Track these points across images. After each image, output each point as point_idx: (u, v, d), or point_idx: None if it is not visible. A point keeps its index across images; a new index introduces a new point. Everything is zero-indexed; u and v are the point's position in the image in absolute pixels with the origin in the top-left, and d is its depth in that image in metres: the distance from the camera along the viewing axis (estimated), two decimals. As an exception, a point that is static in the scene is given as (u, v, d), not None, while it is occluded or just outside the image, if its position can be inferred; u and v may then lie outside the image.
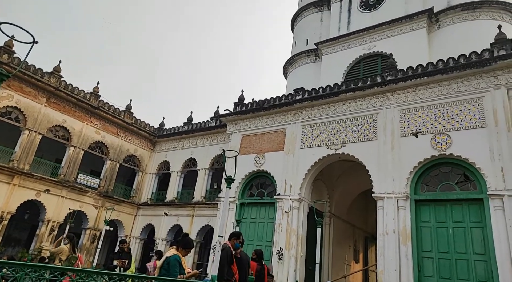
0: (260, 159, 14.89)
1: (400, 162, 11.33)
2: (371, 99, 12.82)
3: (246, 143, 15.75)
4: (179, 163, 19.66)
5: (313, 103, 14.10)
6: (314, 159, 13.33)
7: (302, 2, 23.81)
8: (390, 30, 17.51)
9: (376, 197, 11.44)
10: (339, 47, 19.04)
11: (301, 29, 22.94)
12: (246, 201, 14.81)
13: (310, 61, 21.16)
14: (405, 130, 11.68)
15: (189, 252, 5.07)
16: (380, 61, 17.23)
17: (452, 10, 16.42)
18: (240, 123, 16.29)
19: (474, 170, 10.16)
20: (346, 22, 19.75)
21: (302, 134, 14.12)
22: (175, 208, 18.46)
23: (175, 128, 20.67)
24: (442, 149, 10.72)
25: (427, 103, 11.59)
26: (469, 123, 10.60)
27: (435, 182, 10.90)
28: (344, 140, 12.90)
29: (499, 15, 15.92)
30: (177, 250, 4.81)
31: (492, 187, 9.57)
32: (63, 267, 5.99)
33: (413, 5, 17.51)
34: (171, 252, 4.76)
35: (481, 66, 10.72)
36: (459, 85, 11.15)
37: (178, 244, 4.91)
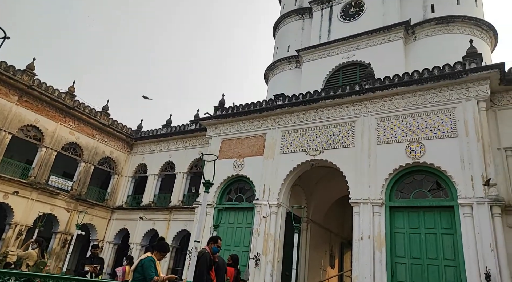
0: (240, 164, 14.85)
1: (376, 169, 11.58)
2: (350, 107, 13.07)
3: (226, 147, 15.68)
4: (156, 166, 19.32)
5: (293, 109, 14.23)
6: (293, 164, 13.42)
7: (284, 9, 24.10)
8: (369, 40, 17.98)
9: (353, 203, 11.63)
10: (320, 54, 19.36)
11: (283, 35, 23.20)
12: (224, 205, 14.70)
13: (291, 68, 21.40)
14: (382, 138, 11.97)
15: (165, 256, 4.98)
16: (359, 70, 17.64)
17: (428, 23, 17.06)
18: (220, 127, 16.21)
19: (446, 178, 10.52)
20: (326, 30, 20.13)
21: (282, 140, 14.21)
22: (151, 212, 18.09)
23: (154, 131, 20.33)
24: (416, 157, 11.05)
25: (403, 112, 11.93)
26: (441, 132, 10.99)
27: (409, 189, 11.21)
28: (323, 146, 13.07)
29: (470, 30, 16.68)
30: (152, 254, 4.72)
31: (462, 194, 9.93)
32: (29, 272, 5.72)
33: (390, 17, 18.08)
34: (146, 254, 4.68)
35: (453, 78, 11.17)
36: (433, 95, 11.56)
37: (154, 248, 4.82)
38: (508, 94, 11.20)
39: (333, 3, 20.66)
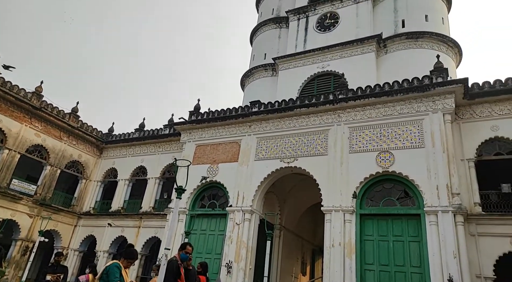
0: (214, 170, 14.72)
1: (348, 177, 11.84)
2: (324, 116, 13.33)
3: (200, 153, 15.51)
4: (127, 171, 18.78)
5: (268, 116, 14.33)
6: (267, 171, 13.47)
7: (262, 18, 24.37)
8: (343, 51, 18.49)
9: (325, 210, 11.80)
10: (296, 63, 19.68)
11: (260, 43, 23.41)
12: (197, 212, 14.50)
13: (268, 75, 21.59)
14: (354, 147, 12.27)
15: (133, 263, 4.83)
16: (333, 80, 18.07)
17: (398, 38, 17.79)
18: (195, 132, 16.03)
19: (413, 187, 10.91)
20: (302, 40, 20.52)
21: (257, 146, 14.24)
22: (121, 219, 17.51)
23: (125, 134, 19.77)
24: (385, 166, 11.40)
25: (374, 122, 12.31)
26: (410, 143, 11.42)
27: (379, 197, 11.53)
28: (297, 154, 13.22)
29: (437, 46, 17.55)
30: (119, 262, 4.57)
31: (428, 203, 10.33)
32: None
33: (363, 30, 18.71)
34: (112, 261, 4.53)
35: (421, 91, 11.67)
36: (402, 107, 12.01)
37: (121, 256, 4.67)
38: (471, 108, 11.83)
39: (309, 14, 21.12)
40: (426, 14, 18.26)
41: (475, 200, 10.71)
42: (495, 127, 11.26)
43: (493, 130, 11.26)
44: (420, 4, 18.56)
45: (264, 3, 25.04)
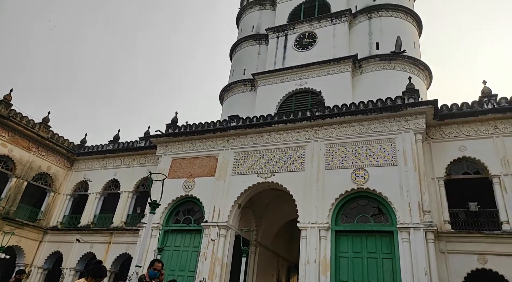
0: (190, 184, 14.49)
1: (324, 193, 11.95)
2: (301, 132, 13.51)
3: (176, 166, 15.25)
4: (99, 184, 18.14)
5: (246, 131, 14.36)
6: (244, 186, 13.39)
7: (242, 34, 24.73)
8: (320, 70, 18.98)
9: (301, 226, 11.80)
10: (274, 80, 19.98)
11: (239, 59, 23.67)
12: (171, 227, 14.13)
13: (246, 90, 21.77)
14: (330, 163, 12.46)
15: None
16: (310, 97, 18.44)
17: (373, 59, 18.49)
18: (172, 145, 15.80)
19: (386, 204, 11.15)
20: (281, 57, 20.93)
21: (235, 161, 14.18)
22: (90, 234, 16.77)
23: (98, 146, 19.18)
24: (360, 183, 11.62)
25: (349, 139, 12.59)
26: (383, 160, 11.73)
27: (353, 214, 11.69)
28: (274, 169, 13.26)
29: (409, 68, 18.36)
30: (86, 280, 4.35)
31: (400, 220, 10.56)
32: None
33: (340, 50, 19.34)
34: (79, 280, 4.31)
35: (394, 111, 12.10)
36: (376, 125, 12.38)
37: (88, 273, 4.45)
38: (441, 129, 12.36)
39: (288, 33, 21.65)
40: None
41: (445, 218, 11.06)
42: (463, 148, 11.79)
43: (461, 150, 11.77)
44: (393, 28, 19.46)
45: (244, 20, 25.48)
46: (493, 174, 11.08)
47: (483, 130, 11.78)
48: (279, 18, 22.96)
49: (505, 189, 10.75)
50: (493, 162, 11.21)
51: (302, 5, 22.65)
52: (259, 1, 25.07)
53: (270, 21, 23.64)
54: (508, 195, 10.64)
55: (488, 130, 11.71)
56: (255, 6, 25.09)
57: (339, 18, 20.38)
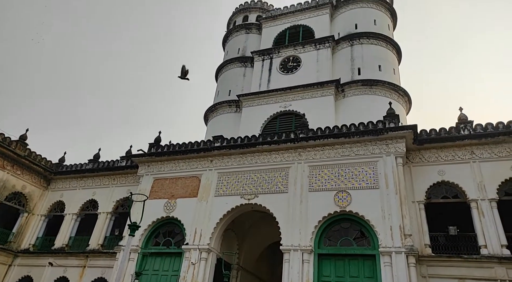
0: (171, 205, 14.18)
1: (307, 216, 11.90)
2: (285, 154, 13.58)
3: (158, 187, 14.96)
4: (76, 204, 17.50)
5: (231, 151, 14.32)
6: (227, 208, 13.21)
7: (228, 56, 25.14)
8: (304, 93, 19.38)
9: (284, 249, 11.64)
10: (259, 101, 20.22)
11: (225, 80, 23.93)
12: (150, 250, 13.68)
13: (231, 111, 21.89)
14: (313, 185, 12.49)
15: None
16: (294, 119, 18.69)
17: (355, 84, 19.05)
18: (154, 165, 15.55)
19: (369, 227, 11.18)
20: (266, 80, 21.31)
21: (218, 182, 14.04)
22: (64, 257, 15.98)
23: (77, 165, 18.63)
24: (343, 205, 11.66)
25: (332, 162, 12.72)
26: (366, 183, 11.86)
27: (336, 237, 11.64)
28: (258, 191, 13.17)
29: (390, 93, 18.98)
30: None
31: (383, 244, 10.57)
32: None
33: (323, 74, 19.89)
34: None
35: (375, 135, 12.37)
36: (359, 148, 12.60)
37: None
38: (420, 153, 12.68)
39: (273, 56, 22.16)
40: (380, 64, 19.87)
41: (426, 242, 11.15)
42: (441, 172, 12.09)
43: (440, 175, 12.06)
44: (374, 55, 20.22)
45: (230, 43, 25.97)
46: (471, 198, 11.35)
47: (461, 155, 12.15)
48: (265, 41, 23.54)
49: (482, 213, 11.00)
50: (470, 187, 11.51)
51: (287, 30, 23.36)
52: (246, 25, 25.71)
53: (255, 44, 24.19)
54: (485, 219, 10.87)
55: (465, 155, 12.08)
56: (242, 29, 25.70)
57: (322, 44, 21.06)
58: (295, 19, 23.56)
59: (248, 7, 26.95)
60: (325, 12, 22.88)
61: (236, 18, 27.08)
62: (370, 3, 22.41)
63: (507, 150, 11.68)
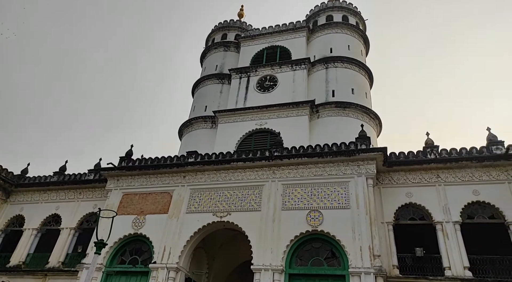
0: (140, 221, 13.71)
1: (279, 235, 11.85)
2: (259, 171, 13.59)
3: (127, 202, 14.46)
4: (37, 219, 16.50)
5: (204, 167, 14.17)
6: (198, 225, 12.94)
7: (205, 72, 25.24)
8: (280, 112, 19.69)
9: (254, 269, 11.47)
10: (235, 118, 20.30)
11: (202, 95, 23.92)
12: (115, 269, 13.07)
13: (207, 127, 21.81)
14: (286, 204, 12.53)
15: None
16: (270, 138, 18.86)
17: (329, 105, 19.60)
18: (124, 179, 15.07)
19: (339, 247, 11.27)
20: (243, 97, 21.51)
21: (190, 198, 13.79)
22: (20, 276, 14.90)
23: (41, 177, 17.69)
24: (315, 225, 11.74)
25: (306, 181, 12.87)
26: (337, 203, 12.04)
27: (307, 257, 11.64)
28: (231, 208, 13.03)
29: (361, 116, 19.65)
30: None
31: (352, 264, 10.67)
32: None
33: (299, 94, 20.35)
34: None
35: (348, 155, 12.69)
36: (331, 168, 12.84)
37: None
38: (390, 175, 13.09)
39: (250, 74, 22.49)
40: (353, 88, 20.62)
41: (394, 263, 11.36)
42: (409, 194, 12.51)
43: (408, 197, 12.47)
44: (347, 78, 21.01)
45: (208, 59, 26.14)
46: (436, 220, 11.77)
47: (427, 178, 12.66)
48: (243, 60, 23.89)
49: (447, 235, 11.41)
50: (436, 209, 11.95)
51: (265, 50, 23.88)
52: (224, 43, 26.05)
53: (233, 62, 24.49)
54: (449, 241, 11.27)
55: (432, 179, 12.60)
56: (220, 47, 25.98)
57: (299, 65, 21.65)
58: (273, 39, 24.16)
59: (227, 25, 27.40)
60: (302, 35, 23.65)
61: (215, 35, 27.41)
62: (344, 29, 23.44)
63: (470, 175, 12.30)
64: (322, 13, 24.79)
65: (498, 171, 12.10)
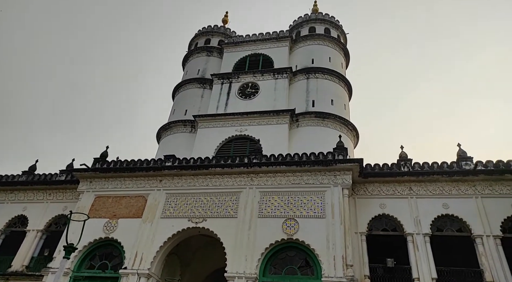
0: (112, 225, 13.32)
1: (254, 243, 11.81)
2: (237, 178, 13.55)
3: (99, 205, 14.03)
4: (2, 219, 15.68)
5: (182, 172, 13.99)
6: (173, 231, 12.71)
7: (187, 76, 25.07)
8: (260, 119, 19.79)
9: (228, 277, 11.36)
10: (215, 124, 20.22)
11: (182, 99, 23.70)
12: (84, 274, 12.60)
13: (186, 131, 21.59)
14: (263, 212, 12.53)
15: None
16: (249, 144, 18.89)
17: (308, 115, 19.89)
18: (97, 181, 14.64)
19: (314, 256, 11.35)
20: (224, 103, 21.49)
21: (165, 203, 13.54)
22: (-22, 280, 14.09)
23: (8, 176, 16.90)
24: (290, 233, 11.78)
25: (283, 189, 12.93)
26: (313, 212, 12.16)
27: (282, 265, 11.65)
28: (207, 214, 12.90)
29: (340, 127, 20.04)
30: None
31: (326, 274, 10.77)
32: None
33: (280, 103, 20.56)
34: None
35: (325, 165, 12.88)
36: (309, 178, 12.98)
37: None
38: (365, 186, 13.37)
39: (232, 81, 22.53)
40: (332, 99, 21.05)
41: (365, 273, 11.54)
42: (383, 205, 12.81)
43: (381, 208, 12.77)
44: (327, 90, 21.43)
45: (191, 63, 26.00)
46: (408, 232, 12.09)
47: (400, 191, 13.02)
48: (225, 66, 23.93)
49: (417, 247, 11.73)
50: (408, 221, 12.28)
51: (248, 57, 24.03)
52: (207, 48, 26.02)
53: (216, 67, 24.48)
54: (419, 253, 11.59)
55: (404, 191, 12.97)
56: (203, 51, 25.93)
57: (281, 74, 21.91)
58: (256, 47, 24.35)
59: (211, 30, 27.41)
60: (285, 44, 23.99)
61: (198, 40, 27.34)
62: (326, 42, 23.98)
63: (440, 189, 12.76)
64: (306, 24, 25.27)
65: (467, 186, 12.61)
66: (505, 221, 11.71)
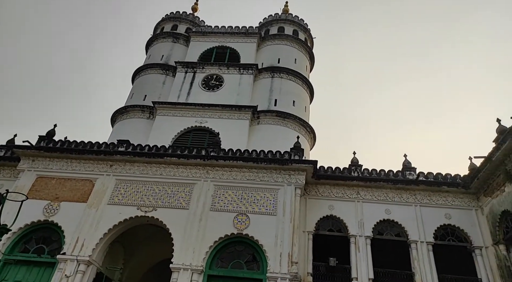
0: (53, 208, 12.55)
1: (204, 235, 11.77)
2: (193, 169, 13.38)
3: (41, 186, 13.14)
4: None
5: (135, 158, 13.53)
6: (119, 218, 12.27)
7: (150, 60, 24.18)
8: (222, 112, 19.68)
9: (173, 268, 11.22)
10: (175, 112, 19.76)
11: (142, 84, 22.84)
12: (16, 257, 11.74)
13: (143, 117, 20.85)
14: (215, 205, 12.51)
15: None
16: (208, 137, 18.71)
17: (270, 113, 20.14)
18: (40, 161, 13.68)
19: (261, 252, 11.57)
20: (186, 92, 21.05)
21: (115, 189, 13.02)
22: None
23: None
24: (241, 228, 11.90)
25: (238, 184, 13.00)
26: (265, 209, 12.37)
27: (229, 259, 11.74)
28: (157, 204, 12.60)
29: (299, 128, 20.54)
30: None
31: (271, 269, 11.03)
32: None
33: (243, 98, 20.58)
34: None
35: (281, 164, 13.14)
36: (264, 175, 13.16)
37: None
38: (316, 187, 13.84)
39: (197, 70, 22.13)
40: (294, 100, 21.48)
41: (309, 270, 11.98)
42: (331, 207, 13.36)
43: (329, 209, 13.30)
44: (290, 90, 21.84)
45: (154, 47, 25.11)
46: (351, 234, 12.73)
47: (349, 194, 13.65)
48: (191, 54, 23.44)
49: (358, 248, 12.40)
50: (352, 223, 12.93)
51: (214, 48, 23.74)
52: (174, 34, 25.27)
53: (181, 55, 23.88)
54: (360, 254, 12.25)
55: (352, 195, 13.63)
56: (169, 37, 25.14)
57: (246, 69, 21.92)
58: (224, 40, 24.12)
59: (179, 17, 26.65)
60: (253, 41, 24.01)
61: (165, 24, 26.45)
62: (293, 43, 24.37)
63: (384, 195, 13.57)
64: (275, 23, 25.50)
65: (408, 194, 13.54)
66: (438, 229, 12.75)
